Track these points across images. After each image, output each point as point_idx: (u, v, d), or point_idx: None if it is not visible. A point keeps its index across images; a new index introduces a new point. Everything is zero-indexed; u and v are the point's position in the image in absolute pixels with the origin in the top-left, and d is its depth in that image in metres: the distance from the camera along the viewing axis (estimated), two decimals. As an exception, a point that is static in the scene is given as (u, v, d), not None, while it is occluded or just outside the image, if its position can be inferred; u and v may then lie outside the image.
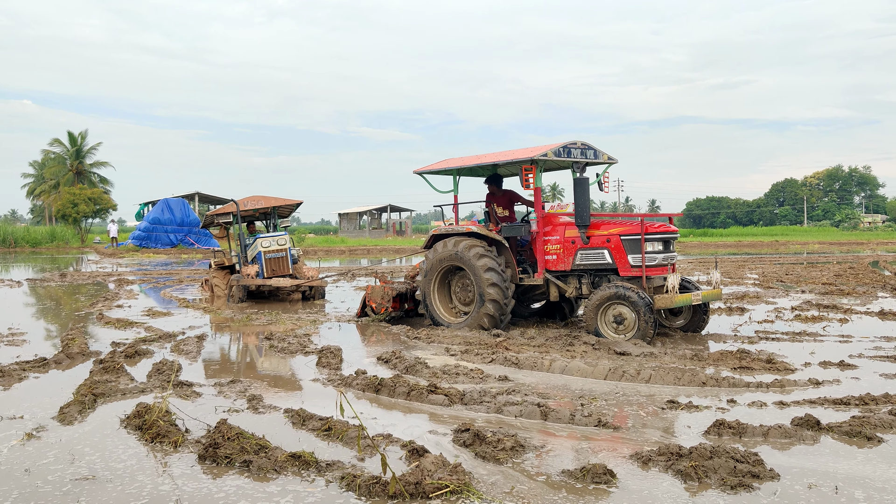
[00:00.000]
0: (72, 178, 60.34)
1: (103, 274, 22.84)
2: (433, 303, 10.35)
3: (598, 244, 9.23)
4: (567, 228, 9.56)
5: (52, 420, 5.36)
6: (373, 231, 69.52)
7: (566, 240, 9.52)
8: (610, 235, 9.15)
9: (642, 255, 8.84)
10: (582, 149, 9.80)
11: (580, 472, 4.09)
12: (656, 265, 8.94)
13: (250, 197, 15.27)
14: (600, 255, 9.21)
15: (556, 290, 9.74)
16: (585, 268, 9.39)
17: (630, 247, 8.96)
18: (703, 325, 9.58)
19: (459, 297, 10.29)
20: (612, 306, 8.73)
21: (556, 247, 9.61)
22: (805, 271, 21.10)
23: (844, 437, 4.82)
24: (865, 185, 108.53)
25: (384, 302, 10.82)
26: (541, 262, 9.74)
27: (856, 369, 7.10)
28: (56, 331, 10.55)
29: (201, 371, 7.42)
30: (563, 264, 9.54)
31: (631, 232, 9.00)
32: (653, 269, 8.92)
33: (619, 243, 9.04)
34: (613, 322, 8.73)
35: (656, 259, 8.93)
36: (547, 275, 9.68)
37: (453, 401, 5.81)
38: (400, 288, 11.06)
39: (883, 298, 13.59)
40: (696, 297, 8.89)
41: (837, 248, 41.46)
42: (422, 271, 10.44)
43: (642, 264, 8.84)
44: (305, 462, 4.25)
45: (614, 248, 9.08)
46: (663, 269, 9.05)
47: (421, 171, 10.87)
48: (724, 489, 3.91)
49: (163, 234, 42.55)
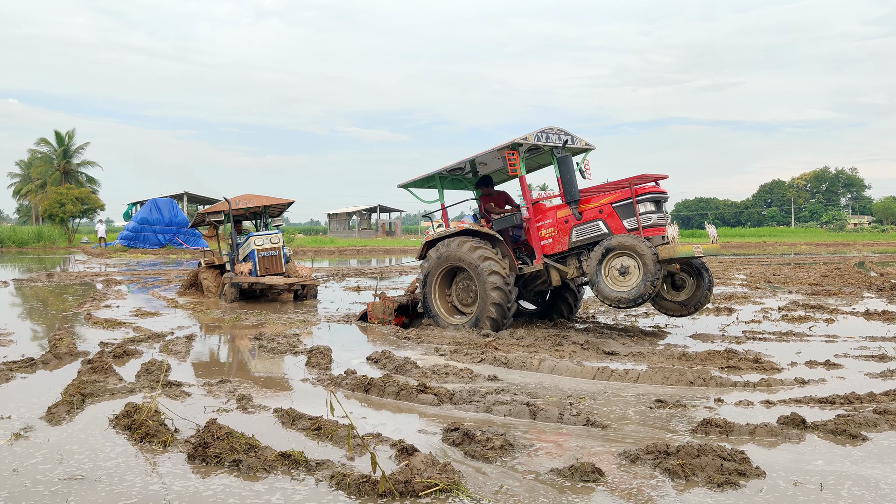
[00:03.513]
0: (59, 178, 59.96)
1: (91, 274, 22.70)
2: (435, 304, 10.30)
3: (591, 217, 9.26)
4: (558, 210, 9.61)
5: (39, 420, 5.33)
6: (362, 231, 69.43)
7: (559, 220, 9.54)
8: (602, 206, 9.19)
9: (637, 217, 8.88)
10: (558, 133, 9.86)
11: (568, 471, 4.11)
12: (652, 225, 8.96)
13: (242, 196, 15.21)
14: (595, 227, 9.23)
15: (558, 274, 9.70)
16: (583, 243, 9.38)
17: (623, 212, 9.01)
18: (704, 301, 9.52)
19: (461, 299, 10.24)
20: (616, 257, 8.70)
21: (551, 230, 9.63)
22: (792, 272, 21.26)
23: (829, 435, 4.87)
24: (852, 186, 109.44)
25: (386, 317, 10.76)
26: (537, 248, 9.73)
27: (841, 369, 7.18)
28: (43, 331, 10.49)
29: (190, 371, 7.41)
30: (559, 245, 9.56)
31: (622, 197, 9.04)
32: (649, 230, 8.94)
33: (611, 211, 9.08)
34: (617, 273, 8.68)
35: (651, 219, 8.96)
36: (546, 260, 9.66)
37: (443, 400, 5.83)
38: (401, 300, 11.02)
39: (868, 299, 13.73)
40: (698, 249, 8.85)
41: (824, 249, 41.79)
42: (421, 276, 10.40)
43: (638, 226, 8.87)
44: (295, 461, 4.26)
45: (608, 216, 9.11)
46: (660, 228, 9.04)
47: (405, 185, 10.92)
48: (711, 487, 3.95)
49: (151, 235, 42.33)
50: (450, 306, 10.37)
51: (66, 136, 61.74)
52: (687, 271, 9.62)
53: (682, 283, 9.62)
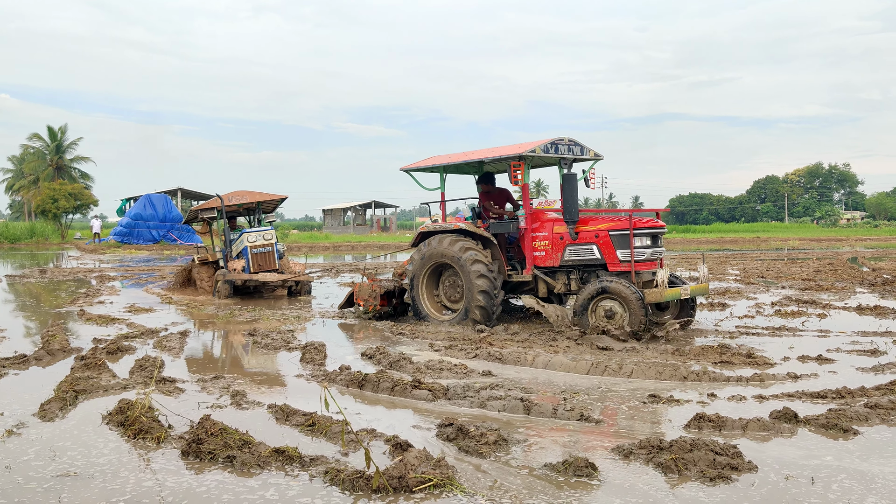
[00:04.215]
0: (52, 174, 59.71)
1: (84, 270, 22.63)
2: (421, 300, 10.32)
3: (586, 240, 9.26)
4: (555, 225, 9.57)
5: (32, 417, 5.32)
6: (357, 227, 69.35)
7: (554, 236, 9.53)
8: (598, 231, 9.18)
9: (631, 250, 8.87)
10: (569, 145, 9.82)
11: (562, 466, 4.13)
12: (645, 260, 9.00)
13: (235, 192, 15.15)
14: (589, 251, 9.24)
15: (545, 287, 9.75)
16: (574, 263, 9.41)
17: (618, 242, 9.00)
18: (689, 321, 9.60)
19: (448, 295, 10.27)
20: (602, 301, 8.73)
21: (545, 243, 9.62)
22: (785, 267, 21.33)
23: (821, 429, 4.90)
24: (845, 182, 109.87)
25: (371, 300, 10.79)
26: (529, 259, 9.75)
27: (833, 363, 7.21)
28: (36, 327, 10.46)
29: (184, 367, 7.40)
30: (551, 260, 9.56)
31: (619, 227, 9.04)
32: (641, 264, 8.98)
33: (607, 238, 9.07)
34: (604, 317, 8.72)
35: (645, 254, 8.98)
36: (535, 271, 9.69)
37: (437, 396, 5.83)
38: (388, 286, 11.04)
39: (861, 294, 13.78)
40: (685, 291, 8.95)
41: (817, 245, 41.95)
42: (410, 269, 10.41)
43: (631, 259, 8.87)
44: (289, 457, 4.26)
45: (603, 243, 9.11)
46: (652, 263, 9.11)
47: (408, 169, 10.84)
48: (703, 481, 3.97)
49: (145, 230, 42.19)
50: (438, 304, 10.39)
51: (59, 131, 61.48)
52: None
53: (666, 304, 9.67)
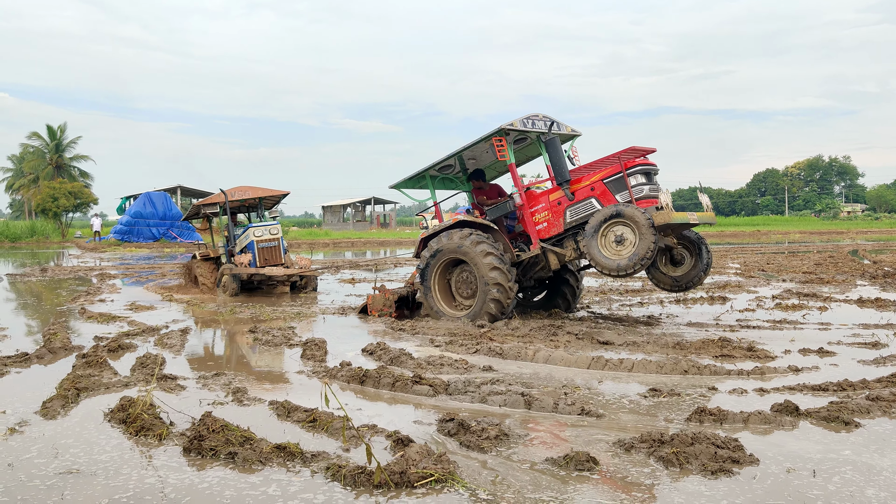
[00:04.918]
0: (51, 172, 59.69)
1: (85, 268, 22.63)
2: (434, 295, 10.21)
3: (584, 196, 9.27)
4: (550, 193, 9.62)
5: (34, 415, 5.32)
6: (357, 224, 69.34)
7: (552, 203, 9.55)
8: (593, 183, 9.22)
9: (629, 190, 8.89)
10: (544, 120, 9.86)
11: (563, 460, 4.13)
12: (644, 196, 8.97)
13: (238, 187, 15.15)
14: (589, 206, 9.23)
15: (556, 258, 9.67)
16: (578, 223, 9.36)
17: (615, 187, 9.03)
18: (697, 282, 9.55)
19: (461, 291, 10.16)
20: (613, 226, 8.70)
21: (545, 213, 9.64)
22: (786, 260, 21.33)
23: (822, 422, 4.90)
24: (845, 174, 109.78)
25: (386, 309, 10.74)
26: (533, 234, 9.72)
27: (834, 356, 7.21)
28: (38, 326, 10.46)
29: (185, 364, 7.40)
30: (555, 228, 9.55)
31: (612, 173, 9.07)
32: (642, 201, 8.94)
33: (603, 187, 9.10)
34: (614, 242, 8.68)
35: (643, 190, 8.98)
36: (542, 244, 9.64)
37: (438, 391, 5.84)
38: (401, 292, 10.99)
39: (861, 287, 13.78)
40: (692, 216, 8.85)
41: (818, 238, 41.94)
42: (422, 262, 10.29)
43: (631, 198, 8.88)
44: (290, 453, 4.26)
45: (600, 193, 9.13)
46: (652, 200, 9.03)
47: (396, 185, 10.93)
48: (705, 474, 3.97)
49: (145, 228, 42.21)
50: (449, 298, 10.32)
51: (59, 129, 61.45)
52: (687, 248, 9.64)
53: (680, 258, 9.61)
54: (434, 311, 10.18)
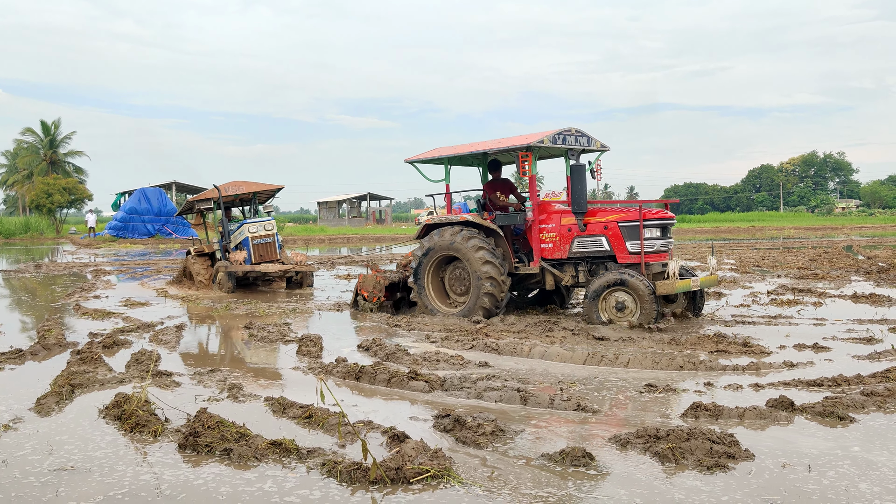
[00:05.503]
0: (46, 168, 59.41)
1: (80, 265, 22.56)
2: (428, 293, 10.19)
3: (595, 231, 9.19)
4: (563, 216, 9.49)
5: (29, 411, 5.31)
6: (353, 220, 69.25)
7: (562, 227, 9.45)
8: (608, 222, 9.10)
9: (641, 242, 8.80)
10: (576, 136, 9.71)
11: (559, 456, 4.13)
12: (655, 251, 8.91)
13: (231, 182, 15.08)
14: (598, 243, 9.17)
15: (552, 279, 9.68)
16: (582, 255, 9.33)
17: (628, 233, 8.93)
18: (698, 312, 9.49)
19: (454, 288, 10.15)
20: (613, 293, 8.65)
21: (552, 235, 9.53)
22: (781, 256, 21.37)
23: (817, 417, 4.91)
24: (840, 170, 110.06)
25: (376, 291, 10.68)
26: (536, 251, 9.65)
27: (829, 351, 7.23)
28: (32, 322, 10.43)
29: (180, 361, 7.39)
30: (559, 252, 9.48)
31: (629, 218, 8.96)
32: (651, 256, 8.89)
33: (616, 230, 9.00)
34: (614, 309, 8.65)
35: (655, 245, 8.90)
36: (543, 263, 9.59)
37: (434, 387, 5.84)
38: (392, 277, 10.91)
39: (856, 282, 13.82)
40: (695, 283, 8.85)
41: (812, 234, 42.04)
42: (415, 261, 10.26)
43: (641, 251, 8.79)
44: (286, 449, 4.26)
45: (612, 235, 9.04)
46: (662, 255, 9.01)
47: (412, 160, 10.68)
48: (700, 469, 3.98)
49: (140, 224, 42.09)
50: (442, 294, 10.30)
51: (53, 125, 61.13)
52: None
53: (673, 297, 9.48)
54: (428, 308, 10.14)
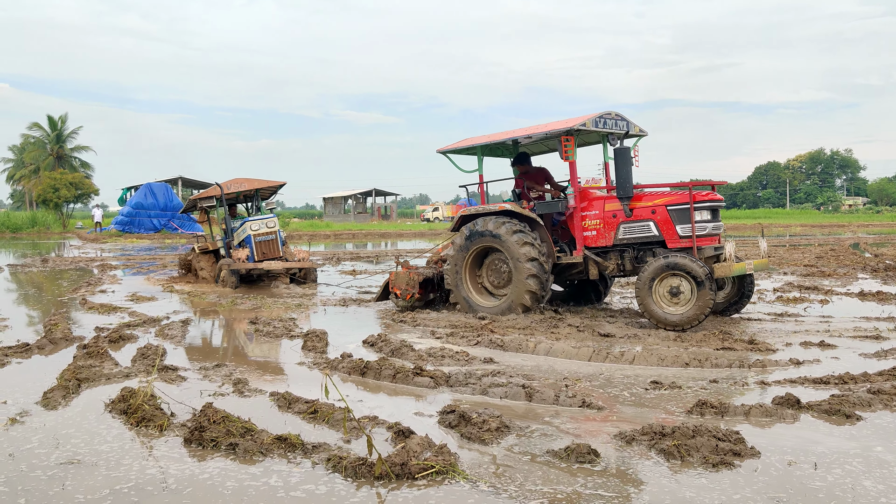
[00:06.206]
0: (52, 163, 59.67)
1: (86, 259, 22.64)
2: (466, 287, 9.81)
3: (642, 216, 8.89)
4: (606, 202, 9.19)
5: (35, 405, 5.33)
6: (358, 215, 69.29)
7: (606, 213, 9.15)
8: (655, 206, 8.79)
9: (692, 225, 8.54)
10: (615, 119, 9.41)
11: (564, 452, 4.13)
12: (706, 235, 8.64)
13: (233, 179, 15.09)
14: (646, 228, 8.89)
15: (596, 268, 9.34)
16: (629, 242, 9.05)
17: (678, 217, 8.64)
18: (739, 308, 9.25)
19: (492, 280, 9.81)
20: (667, 278, 8.29)
21: (596, 222, 9.23)
22: (787, 253, 21.30)
23: (824, 415, 4.90)
24: (847, 167, 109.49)
25: (409, 288, 10.32)
26: (579, 239, 9.31)
27: (835, 349, 7.20)
28: (38, 316, 10.47)
29: (186, 355, 7.41)
30: (603, 240, 9.19)
31: (678, 201, 8.68)
32: (703, 239, 8.62)
33: (665, 214, 8.72)
34: (668, 294, 8.31)
35: (706, 228, 8.62)
36: (586, 252, 9.26)
37: (439, 383, 5.84)
38: (426, 273, 10.53)
39: (863, 280, 13.77)
40: (749, 265, 8.55)
41: (819, 231, 41.87)
42: (451, 255, 9.86)
43: (692, 234, 8.54)
44: (291, 444, 4.27)
45: (661, 219, 8.76)
46: (713, 238, 8.74)
47: (444, 150, 10.37)
48: (706, 467, 3.97)
49: (146, 219, 42.22)
50: (479, 287, 9.91)
51: (59, 120, 61.40)
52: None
53: (722, 283, 9.18)
54: (466, 303, 9.77)
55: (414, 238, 38.34)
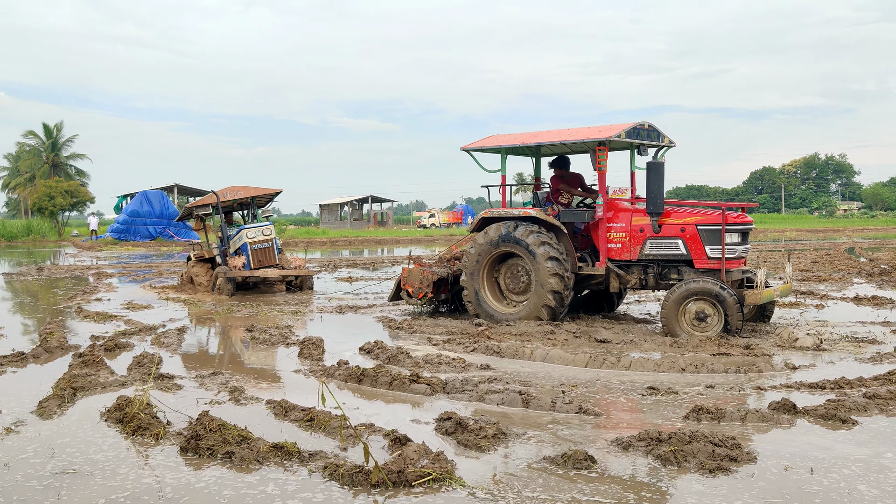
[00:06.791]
0: (48, 171, 59.52)
1: (81, 267, 22.58)
2: (483, 293, 9.62)
3: (671, 234, 8.75)
4: (634, 215, 9.06)
5: (30, 414, 5.31)
6: (354, 222, 69.26)
7: (634, 227, 9.01)
8: (685, 224, 8.66)
9: (722, 247, 8.36)
10: (648, 130, 9.29)
11: (561, 459, 4.13)
12: (735, 257, 8.55)
13: (229, 187, 15.08)
14: (673, 245, 8.75)
15: (618, 281, 9.16)
16: (654, 258, 8.91)
17: (708, 238, 8.48)
18: (766, 321, 9.13)
19: (509, 286, 9.64)
20: (695, 301, 8.13)
21: (622, 234, 9.08)
22: (782, 258, 21.34)
23: (820, 420, 4.91)
24: (842, 172, 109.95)
25: (423, 287, 10.14)
26: (603, 251, 9.17)
27: (831, 354, 7.22)
28: (34, 325, 10.44)
29: (182, 363, 7.39)
30: (628, 253, 9.04)
31: (710, 221, 8.54)
32: (731, 262, 8.50)
33: (695, 233, 8.56)
34: (695, 319, 8.14)
35: (736, 251, 8.52)
36: (609, 264, 9.13)
37: (436, 390, 5.84)
38: (440, 272, 10.32)
39: (858, 284, 13.80)
40: (776, 292, 8.52)
41: (814, 236, 41.98)
42: (469, 257, 9.65)
43: (722, 256, 8.35)
44: (288, 452, 4.26)
45: (690, 238, 8.61)
46: (740, 261, 8.67)
47: (468, 148, 10.15)
48: (702, 472, 3.97)
49: (142, 227, 42.11)
50: (497, 293, 9.75)
51: (55, 128, 61.24)
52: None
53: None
54: (483, 310, 9.58)
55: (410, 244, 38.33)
